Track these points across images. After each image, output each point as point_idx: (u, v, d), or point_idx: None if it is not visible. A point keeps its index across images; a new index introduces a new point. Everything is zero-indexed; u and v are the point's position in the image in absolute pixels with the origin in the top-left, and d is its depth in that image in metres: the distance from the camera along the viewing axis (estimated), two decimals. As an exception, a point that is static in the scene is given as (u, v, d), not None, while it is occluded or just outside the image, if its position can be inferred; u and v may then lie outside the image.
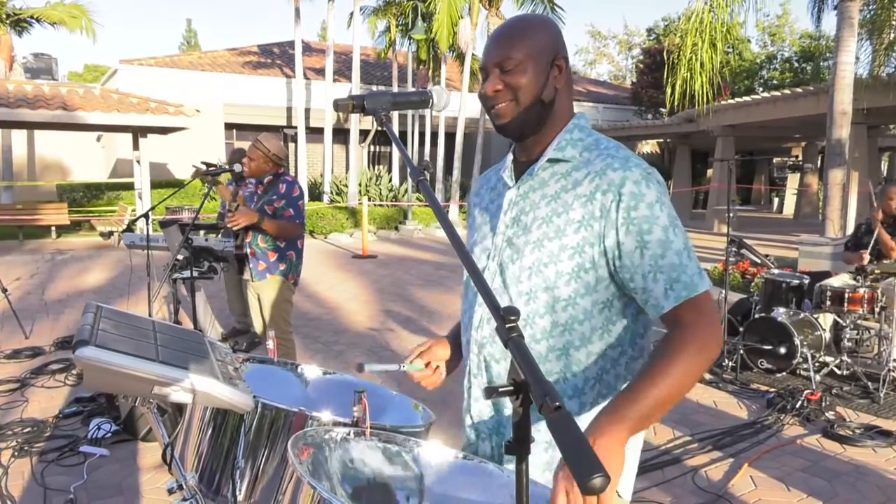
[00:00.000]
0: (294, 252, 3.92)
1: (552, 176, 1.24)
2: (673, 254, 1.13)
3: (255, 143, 3.88)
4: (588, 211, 1.17)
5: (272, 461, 1.26)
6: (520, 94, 1.21)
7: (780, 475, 3.28)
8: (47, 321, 6.34)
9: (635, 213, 1.14)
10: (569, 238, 1.18)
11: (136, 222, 4.73)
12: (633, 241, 1.14)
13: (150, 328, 1.32)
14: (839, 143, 8.87)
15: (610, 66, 39.93)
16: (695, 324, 1.12)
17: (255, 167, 3.87)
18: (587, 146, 1.25)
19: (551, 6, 16.86)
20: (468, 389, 1.34)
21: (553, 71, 1.23)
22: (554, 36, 1.25)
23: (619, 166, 1.17)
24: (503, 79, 1.21)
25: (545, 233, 1.20)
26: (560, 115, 1.27)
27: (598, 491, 0.64)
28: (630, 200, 1.14)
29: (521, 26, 1.24)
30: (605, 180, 1.16)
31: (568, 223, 1.18)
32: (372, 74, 21.64)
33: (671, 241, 1.14)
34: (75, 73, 38.06)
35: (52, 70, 13.13)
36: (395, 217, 15.70)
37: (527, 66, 1.21)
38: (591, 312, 1.19)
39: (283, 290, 3.90)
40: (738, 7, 9.25)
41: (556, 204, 1.21)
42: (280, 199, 3.80)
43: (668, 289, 1.13)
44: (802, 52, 29.37)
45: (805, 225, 17.13)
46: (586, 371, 1.22)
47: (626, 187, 1.15)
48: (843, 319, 4.78)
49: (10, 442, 3.47)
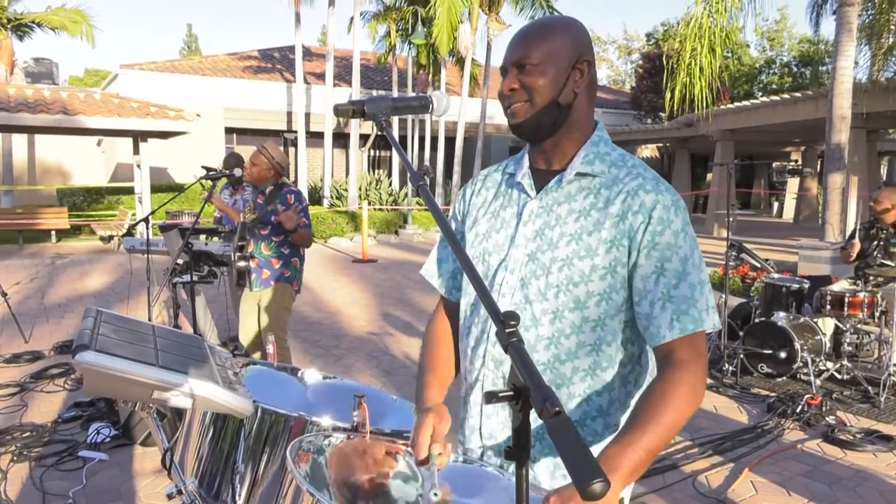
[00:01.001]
0: (298, 259, 3.92)
1: (580, 191, 1.21)
2: (686, 286, 1.12)
3: (261, 149, 3.86)
4: (620, 231, 1.15)
5: (272, 466, 1.26)
6: (535, 96, 1.18)
7: (781, 480, 3.27)
8: (47, 325, 6.34)
9: (660, 238, 1.13)
10: (600, 258, 1.15)
11: (136, 227, 4.74)
12: (652, 265, 1.13)
13: (150, 333, 1.32)
14: (838, 147, 8.88)
15: (609, 71, 40.05)
16: (689, 364, 1.10)
17: (257, 173, 3.85)
18: (614, 161, 1.22)
19: (551, 12, 16.90)
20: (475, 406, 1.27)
21: (574, 74, 1.20)
22: (578, 38, 1.22)
23: (651, 188, 1.16)
24: (520, 78, 1.19)
25: (575, 251, 1.16)
26: (578, 120, 1.23)
27: (599, 496, 0.64)
28: (658, 225, 1.13)
29: (544, 26, 1.22)
30: (636, 201, 1.15)
31: (600, 243, 1.15)
32: (372, 79, 21.69)
33: (688, 272, 1.13)
34: (76, 77, 38.13)
35: (52, 74, 13.17)
36: (395, 221, 15.70)
37: (545, 66, 1.18)
38: (617, 332, 1.18)
39: (286, 298, 3.90)
40: (737, 12, 9.28)
41: (586, 221, 1.17)
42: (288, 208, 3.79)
43: (673, 319, 1.11)
44: (801, 56, 29.45)
45: (805, 229, 17.13)
46: (612, 393, 1.19)
47: (656, 211, 1.14)
48: (843, 324, 4.78)
49: (9, 446, 3.46)
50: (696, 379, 1.10)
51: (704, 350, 1.14)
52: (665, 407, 1.06)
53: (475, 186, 1.39)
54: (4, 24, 16.44)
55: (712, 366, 5.05)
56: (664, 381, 1.10)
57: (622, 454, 1.02)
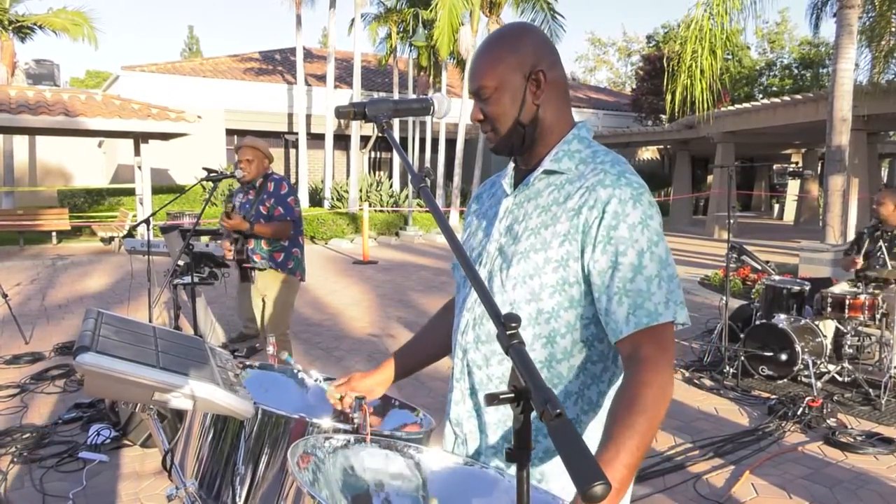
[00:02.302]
0: (298, 249, 3.99)
1: (547, 187, 1.24)
2: (642, 279, 1.11)
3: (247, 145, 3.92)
4: (574, 225, 1.16)
5: (272, 468, 1.25)
6: (497, 124, 1.23)
7: (782, 482, 3.27)
8: (47, 327, 6.34)
9: (614, 232, 1.12)
10: (553, 251, 1.17)
11: (137, 228, 4.76)
12: (607, 260, 1.13)
13: (151, 334, 1.32)
14: (839, 149, 8.88)
15: (610, 73, 40.08)
16: (652, 362, 1.08)
17: (256, 167, 3.91)
18: (583, 159, 1.23)
19: (551, 14, 16.93)
20: (450, 392, 1.34)
21: (530, 87, 1.21)
22: (529, 49, 1.21)
23: (609, 183, 1.15)
24: (482, 108, 1.23)
25: (532, 244, 1.19)
26: (549, 126, 1.24)
27: (600, 499, 0.64)
28: (612, 220, 1.13)
29: (492, 49, 1.22)
30: (593, 196, 1.15)
31: (554, 236, 1.17)
32: (373, 81, 21.71)
33: (644, 266, 1.11)
34: (77, 79, 38.18)
35: (53, 76, 13.18)
36: (396, 223, 15.71)
37: (499, 93, 1.20)
38: (574, 326, 1.18)
39: (291, 289, 3.99)
40: (737, 14, 9.28)
41: (546, 216, 1.20)
42: (270, 197, 3.85)
43: (630, 314, 1.10)
44: (802, 58, 29.47)
45: (805, 231, 17.13)
46: (568, 385, 1.21)
47: (610, 205, 1.13)
48: (844, 326, 4.78)
49: (9, 448, 3.46)
50: (663, 377, 1.08)
51: (669, 344, 1.11)
52: (636, 415, 1.04)
53: (476, 194, 1.47)
54: (6, 26, 16.47)
55: (713, 368, 5.05)
56: (631, 385, 1.08)
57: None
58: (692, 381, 4.85)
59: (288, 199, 3.87)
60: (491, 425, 1.26)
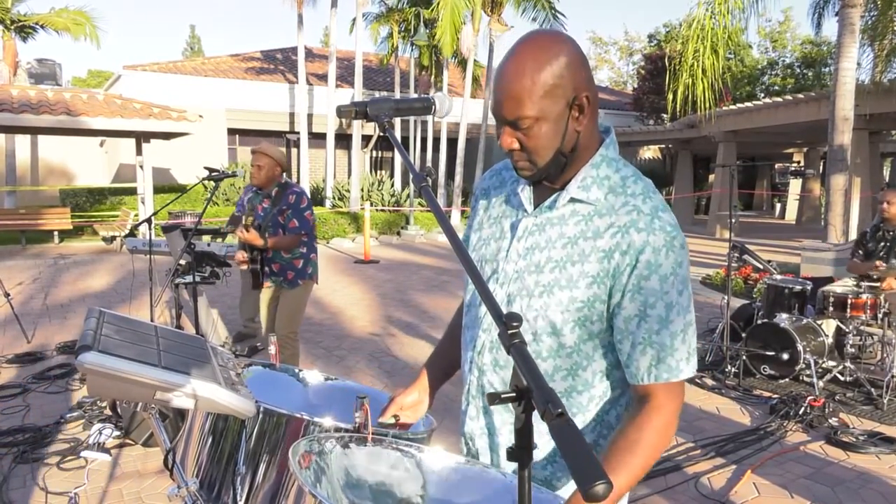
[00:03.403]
0: (315, 254, 4.06)
1: (573, 215, 1.17)
2: (667, 334, 1.12)
3: (260, 151, 3.90)
4: (604, 268, 1.12)
5: (273, 467, 1.25)
6: (535, 156, 1.13)
7: (784, 482, 3.27)
8: (49, 326, 6.35)
9: (646, 283, 1.10)
10: (580, 291, 1.13)
11: (138, 227, 4.76)
12: (635, 309, 1.12)
13: (153, 333, 1.32)
14: (841, 148, 8.86)
15: (611, 73, 40.02)
16: (661, 409, 1.12)
17: (266, 176, 3.90)
18: (612, 187, 1.16)
19: (553, 13, 16.91)
20: (464, 410, 1.32)
21: (573, 112, 1.11)
22: (571, 71, 1.09)
23: (643, 227, 1.10)
24: (517, 136, 1.12)
25: (557, 279, 1.15)
26: (584, 148, 1.17)
27: (601, 498, 0.64)
28: (644, 269, 1.10)
29: (530, 72, 1.07)
30: (626, 240, 1.11)
31: (582, 276, 1.13)
32: (374, 80, 21.70)
33: (671, 320, 1.11)
34: (79, 78, 38.23)
35: (55, 75, 13.18)
36: (397, 222, 15.71)
37: (540, 124, 1.10)
38: (593, 357, 1.19)
39: (305, 291, 4.04)
40: (739, 13, 9.27)
41: (573, 250, 1.15)
42: (288, 208, 3.85)
43: (651, 365, 1.12)
44: (804, 57, 29.42)
45: (807, 230, 17.11)
46: (587, 413, 1.21)
47: (644, 254, 1.10)
48: (845, 325, 4.77)
49: (11, 447, 3.47)
50: (666, 422, 1.13)
51: (680, 393, 1.16)
52: (635, 456, 1.09)
53: (482, 186, 1.38)
54: (8, 26, 16.48)
55: (714, 367, 5.04)
56: (634, 425, 1.12)
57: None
58: (694, 381, 4.85)
59: (305, 213, 3.90)
60: (503, 446, 1.26)
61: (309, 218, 3.92)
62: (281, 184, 3.94)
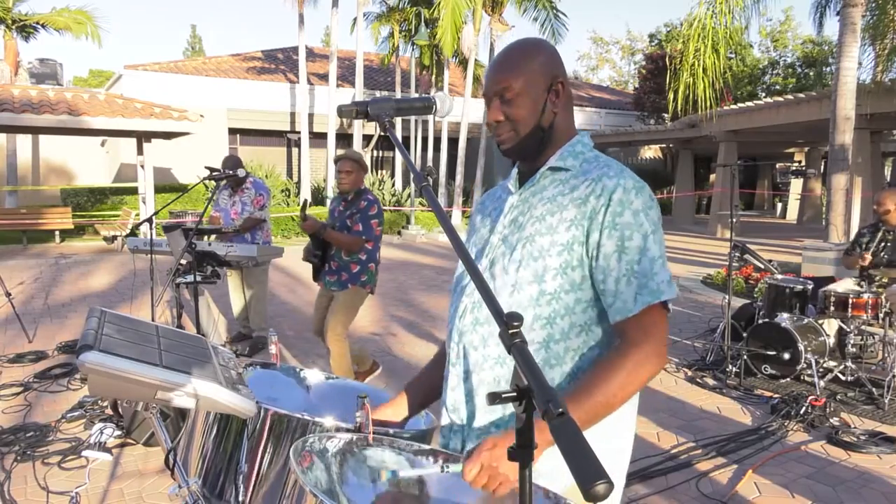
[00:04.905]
0: (374, 264, 4.11)
1: (552, 182, 1.31)
2: (647, 261, 1.19)
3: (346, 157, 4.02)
4: (581, 212, 1.22)
5: (275, 467, 1.26)
6: (519, 125, 1.28)
7: (785, 482, 3.26)
8: (51, 325, 6.36)
9: (620, 218, 1.20)
10: (560, 235, 1.23)
11: (139, 227, 4.76)
12: (613, 245, 1.19)
13: (154, 333, 1.32)
14: (842, 148, 8.85)
15: (612, 72, 40.03)
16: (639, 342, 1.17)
17: (354, 179, 4.01)
18: (587, 159, 1.31)
19: (554, 13, 16.91)
20: (445, 379, 1.36)
21: (551, 96, 1.29)
22: (551, 59, 1.30)
23: (613, 174, 1.23)
24: (503, 109, 1.28)
25: (538, 229, 1.25)
26: (560, 133, 1.33)
27: (602, 497, 0.64)
28: (617, 206, 1.20)
29: (519, 54, 1.29)
30: (599, 185, 1.23)
31: (561, 221, 1.23)
32: (375, 80, 21.71)
33: (648, 248, 1.20)
34: (80, 78, 38.25)
35: (57, 75, 13.19)
36: (398, 222, 15.71)
37: (525, 96, 1.27)
38: (573, 309, 1.23)
39: (358, 298, 4.10)
40: (740, 12, 9.26)
41: (552, 205, 1.26)
42: (357, 212, 3.95)
43: (637, 294, 1.18)
44: (805, 57, 29.39)
45: (808, 230, 17.09)
46: (563, 366, 1.24)
47: (616, 193, 1.20)
48: (847, 325, 4.76)
49: (13, 446, 3.47)
50: (643, 356, 1.17)
51: (660, 325, 1.20)
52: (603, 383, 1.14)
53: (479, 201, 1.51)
54: (9, 25, 16.50)
55: (715, 367, 5.04)
56: (609, 357, 1.18)
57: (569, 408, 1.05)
58: (695, 381, 4.84)
59: (371, 221, 4.00)
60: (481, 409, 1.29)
61: (374, 226, 4.01)
62: (358, 189, 4.04)
